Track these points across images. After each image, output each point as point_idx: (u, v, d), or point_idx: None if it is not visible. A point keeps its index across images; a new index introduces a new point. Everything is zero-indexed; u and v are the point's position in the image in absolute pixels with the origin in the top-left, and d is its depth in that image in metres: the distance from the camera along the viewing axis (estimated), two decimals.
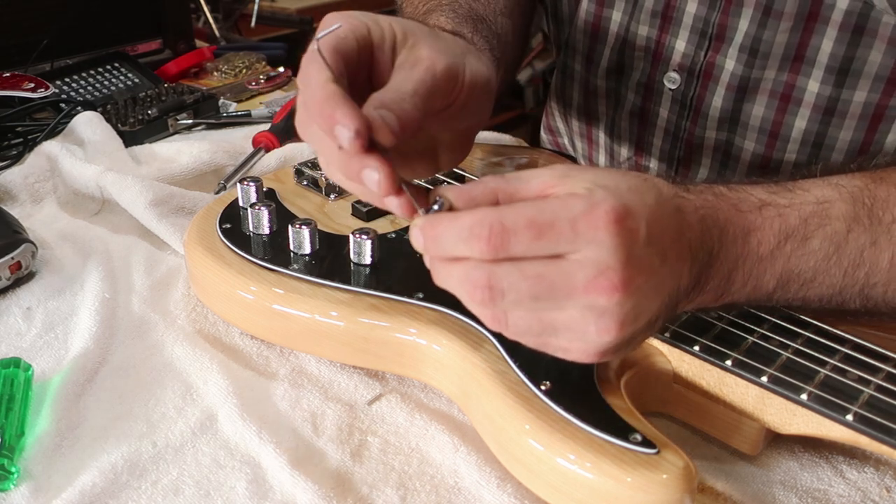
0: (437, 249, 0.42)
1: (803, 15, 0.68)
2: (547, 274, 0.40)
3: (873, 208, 0.49)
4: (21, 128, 0.95)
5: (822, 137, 0.72)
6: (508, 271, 0.41)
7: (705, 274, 0.46)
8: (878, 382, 0.47)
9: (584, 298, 0.40)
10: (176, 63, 1.19)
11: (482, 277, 0.41)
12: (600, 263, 0.40)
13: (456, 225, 0.41)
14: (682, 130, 0.80)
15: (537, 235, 0.40)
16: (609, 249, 0.40)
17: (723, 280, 0.47)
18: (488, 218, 0.40)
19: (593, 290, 0.40)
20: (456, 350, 0.53)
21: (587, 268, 0.40)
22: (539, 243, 0.40)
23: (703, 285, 0.46)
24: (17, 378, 0.56)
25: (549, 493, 0.47)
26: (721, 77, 0.75)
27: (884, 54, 0.66)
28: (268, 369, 0.60)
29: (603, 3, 0.81)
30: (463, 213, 0.41)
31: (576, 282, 0.40)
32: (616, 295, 0.40)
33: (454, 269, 0.42)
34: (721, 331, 0.53)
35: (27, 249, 0.70)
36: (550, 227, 0.40)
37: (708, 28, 0.74)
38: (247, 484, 0.50)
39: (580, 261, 0.40)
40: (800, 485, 0.51)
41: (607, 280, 0.40)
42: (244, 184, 0.68)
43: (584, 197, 0.41)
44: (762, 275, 0.47)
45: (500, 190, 0.43)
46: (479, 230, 0.40)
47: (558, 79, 0.92)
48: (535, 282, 0.41)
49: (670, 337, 0.52)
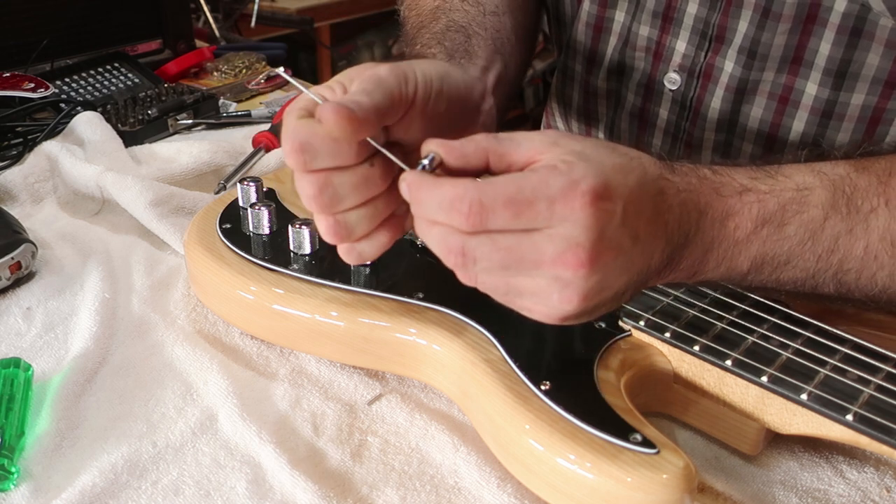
0: (419, 210, 0.44)
1: (801, 17, 0.68)
2: (517, 247, 0.42)
3: (853, 197, 0.50)
4: (21, 128, 0.95)
5: (819, 140, 0.72)
6: (482, 241, 0.43)
7: (678, 254, 0.47)
8: (878, 382, 0.48)
9: (550, 270, 0.42)
10: (176, 63, 1.19)
11: (456, 244, 0.43)
12: (570, 240, 0.41)
13: (438, 194, 0.43)
14: (682, 131, 0.80)
15: (514, 214, 0.41)
16: (581, 228, 0.41)
17: (696, 260, 0.48)
18: (468, 194, 0.42)
19: (560, 264, 0.42)
20: (456, 350, 0.53)
21: (557, 242, 0.42)
22: (516, 221, 0.42)
23: (676, 264, 0.47)
24: (17, 378, 0.56)
25: (549, 493, 0.47)
26: (720, 78, 0.75)
27: (881, 57, 0.66)
28: (268, 369, 0.60)
29: (605, 4, 0.81)
30: (445, 183, 0.43)
31: (544, 255, 0.42)
32: (581, 270, 0.42)
33: (433, 229, 0.44)
34: (721, 331, 0.53)
35: (27, 249, 0.70)
36: (529, 205, 0.41)
37: (708, 29, 0.74)
38: (247, 484, 0.50)
39: (551, 235, 0.42)
40: (800, 485, 0.51)
41: (574, 256, 0.41)
42: (244, 184, 0.68)
43: (564, 173, 0.42)
44: (737, 257, 0.48)
45: (491, 150, 0.44)
46: (459, 205, 0.42)
47: (559, 79, 0.92)
48: (505, 253, 0.42)
49: (670, 337, 0.52)
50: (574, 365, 0.51)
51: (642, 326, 0.53)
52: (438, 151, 0.45)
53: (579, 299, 0.43)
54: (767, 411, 0.50)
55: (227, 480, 0.51)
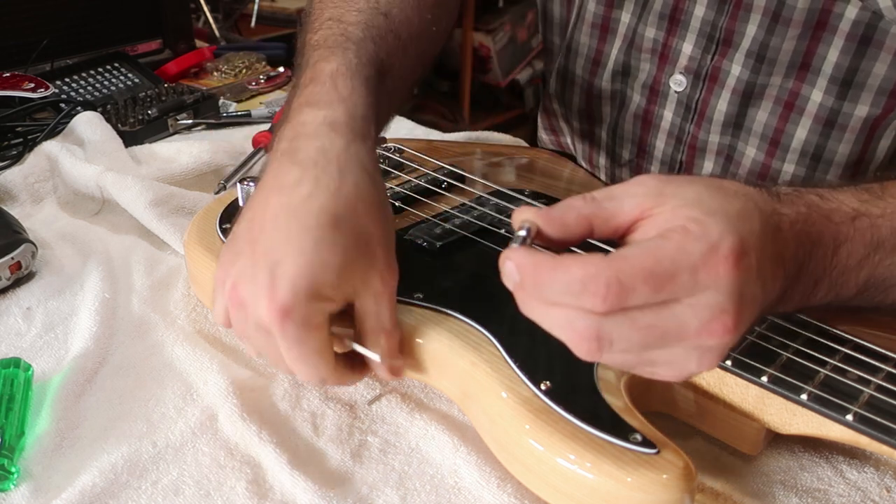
0: (536, 294, 0.41)
1: (811, 23, 0.68)
2: (659, 323, 0.39)
3: None
4: (21, 128, 0.95)
5: (821, 150, 0.72)
6: (619, 322, 0.39)
7: (792, 287, 0.45)
8: (878, 382, 0.47)
9: (694, 342, 0.40)
10: (176, 63, 1.19)
11: (590, 329, 0.39)
12: (715, 308, 0.39)
13: (567, 277, 0.39)
14: (686, 133, 0.80)
15: (656, 289, 0.38)
16: (726, 294, 0.39)
17: (807, 290, 0.46)
18: (604, 273, 0.38)
19: (706, 334, 0.39)
20: (456, 350, 0.53)
21: (702, 312, 0.39)
22: (657, 296, 0.39)
23: (789, 297, 0.45)
24: (17, 378, 0.55)
25: (549, 493, 0.47)
26: (727, 81, 0.75)
27: (888, 66, 0.66)
28: (268, 369, 0.60)
29: (612, 5, 0.81)
30: (572, 264, 0.39)
31: (688, 328, 0.39)
32: (727, 337, 0.39)
33: (555, 313, 0.40)
34: None
35: (27, 249, 0.70)
36: (671, 278, 0.38)
37: (716, 32, 0.74)
38: (247, 484, 0.50)
39: (694, 305, 0.39)
40: (800, 485, 0.51)
41: (721, 324, 0.39)
42: (244, 184, 0.67)
43: (700, 237, 0.39)
44: (846, 284, 0.47)
45: (594, 216, 0.42)
46: (595, 287, 0.38)
47: (557, 81, 0.92)
48: (646, 332, 0.39)
49: None
50: (574, 365, 0.51)
51: None
52: (536, 221, 0.42)
53: (717, 361, 0.41)
54: (767, 411, 0.50)
55: (227, 480, 0.51)
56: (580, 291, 0.38)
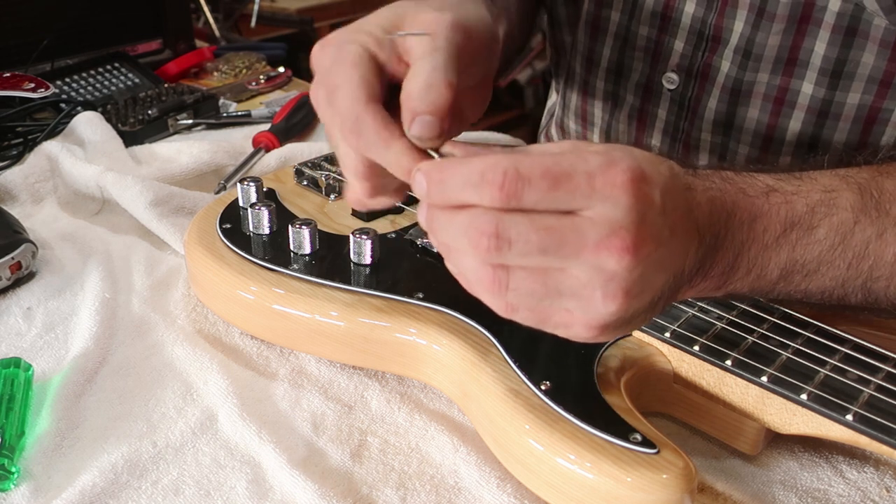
0: (441, 194, 0.41)
1: (795, 17, 0.68)
2: (558, 227, 0.39)
3: (881, 200, 0.48)
4: (21, 128, 0.95)
5: (816, 140, 0.72)
6: (518, 220, 0.39)
7: (710, 258, 0.45)
8: (878, 382, 0.48)
9: (593, 257, 0.39)
10: (176, 63, 1.19)
11: (490, 224, 0.39)
12: (614, 222, 0.38)
13: (466, 169, 0.39)
14: (680, 132, 0.80)
15: (553, 186, 0.38)
16: (624, 209, 0.39)
17: (727, 266, 0.46)
18: (503, 163, 0.38)
19: (604, 249, 0.39)
20: (456, 350, 0.53)
21: (600, 225, 0.39)
22: (553, 194, 0.39)
23: (708, 270, 0.45)
24: (18, 378, 0.56)
25: (548, 493, 0.47)
26: (717, 79, 0.75)
27: (876, 56, 0.66)
28: (268, 369, 0.60)
29: (601, 4, 0.81)
30: (474, 158, 0.40)
31: (587, 239, 0.39)
32: (626, 257, 0.39)
33: (458, 217, 0.40)
34: (721, 331, 0.53)
35: (27, 249, 0.70)
36: (567, 178, 0.38)
37: (705, 29, 0.74)
38: (247, 484, 0.50)
39: (593, 217, 0.39)
40: (800, 485, 0.51)
41: (619, 240, 0.38)
42: (244, 184, 0.68)
43: (601, 153, 0.39)
44: (766, 263, 0.46)
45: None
46: (493, 175, 0.38)
47: (561, 81, 0.92)
48: (545, 234, 0.39)
49: (670, 337, 0.52)
50: (574, 365, 0.51)
51: (642, 327, 0.53)
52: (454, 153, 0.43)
53: (623, 295, 0.40)
54: (767, 411, 0.50)
55: (227, 480, 0.51)
56: (479, 182, 0.39)
